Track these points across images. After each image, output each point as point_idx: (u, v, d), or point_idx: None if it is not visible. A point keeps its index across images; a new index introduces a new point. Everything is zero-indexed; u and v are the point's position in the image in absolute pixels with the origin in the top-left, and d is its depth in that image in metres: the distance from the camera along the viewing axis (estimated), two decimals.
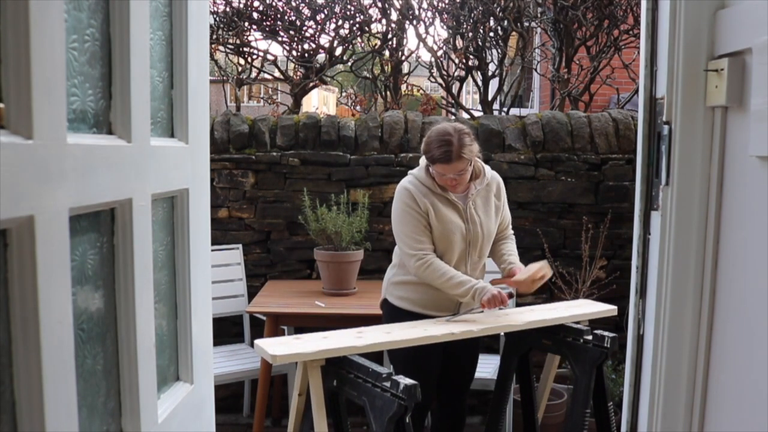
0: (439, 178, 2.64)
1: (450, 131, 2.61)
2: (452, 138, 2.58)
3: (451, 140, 2.58)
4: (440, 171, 2.60)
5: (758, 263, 1.25)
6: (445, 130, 2.62)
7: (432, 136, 2.63)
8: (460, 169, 2.61)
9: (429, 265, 2.58)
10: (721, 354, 1.41)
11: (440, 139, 2.59)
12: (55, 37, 0.78)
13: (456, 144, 2.58)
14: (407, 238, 2.62)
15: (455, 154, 2.57)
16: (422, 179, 2.68)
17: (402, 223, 2.65)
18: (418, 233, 2.61)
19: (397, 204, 2.67)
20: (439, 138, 2.60)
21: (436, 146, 2.59)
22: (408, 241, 2.62)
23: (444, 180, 2.63)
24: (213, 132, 3.92)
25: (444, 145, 2.57)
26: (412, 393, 1.97)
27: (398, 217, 2.66)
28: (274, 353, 2.12)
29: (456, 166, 2.58)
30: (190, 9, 1.26)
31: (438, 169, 2.60)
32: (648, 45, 1.52)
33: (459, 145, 2.58)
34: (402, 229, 2.65)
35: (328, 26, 5.38)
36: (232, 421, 3.82)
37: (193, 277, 1.31)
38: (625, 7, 5.07)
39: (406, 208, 2.63)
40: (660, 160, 1.48)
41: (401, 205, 2.65)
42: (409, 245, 2.62)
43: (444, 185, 2.67)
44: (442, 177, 2.62)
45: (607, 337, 2.57)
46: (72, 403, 0.83)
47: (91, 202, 0.90)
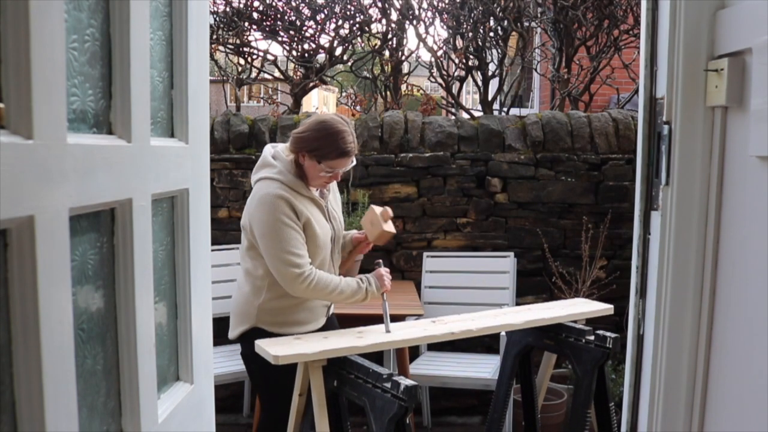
0: (318, 176, 2.34)
1: (341, 122, 2.35)
2: (348, 129, 2.33)
3: (347, 131, 2.32)
4: (332, 166, 2.33)
5: (758, 263, 1.25)
6: (337, 121, 2.34)
7: (323, 129, 2.31)
8: (352, 163, 2.39)
9: (315, 283, 2.29)
10: (721, 354, 1.41)
11: (336, 131, 2.30)
12: (55, 37, 0.78)
13: (352, 135, 2.35)
14: (288, 255, 2.26)
15: (353, 147, 2.35)
16: (292, 183, 2.33)
17: (280, 240, 2.26)
18: (298, 248, 2.29)
19: (272, 216, 2.27)
20: (334, 130, 2.30)
21: (332, 140, 2.30)
22: (288, 258, 2.26)
23: (324, 178, 2.36)
24: (213, 132, 3.92)
25: (342, 138, 2.30)
26: (413, 394, 1.97)
27: (274, 232, 2.27)
28: (276, 354, 2.11)
29: (351, 159, 2.36)
30: (190, 9, 1.26)
31: (331, 165, 2.32)
32: (648, 45, 1.52)
33: (354, 137, 2.36)
34: (279, 246, 2.26)
35: (328, 26, 5.38)
36: (232, 421, 3.82)
37: (193, 277, 1.31)
38: (625, 7, 5.07)
39: (284, 220, 2.27)
40: (660, 160, 1.48)
41: (277, 217, 2.26)
42: (290, 262, 2.26)
43: (318, 184, 2.40)
44: (324, 175, 2.34)
45: (609, 337, 2.57)
46: (72, 403, 0.83)
47: (91, 202, 0.90)
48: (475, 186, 3.97)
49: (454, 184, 3.96)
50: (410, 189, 3.97)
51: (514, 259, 3.79)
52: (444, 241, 4.00)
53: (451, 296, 3.83)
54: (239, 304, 2.49)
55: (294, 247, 2.28)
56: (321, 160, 2.31)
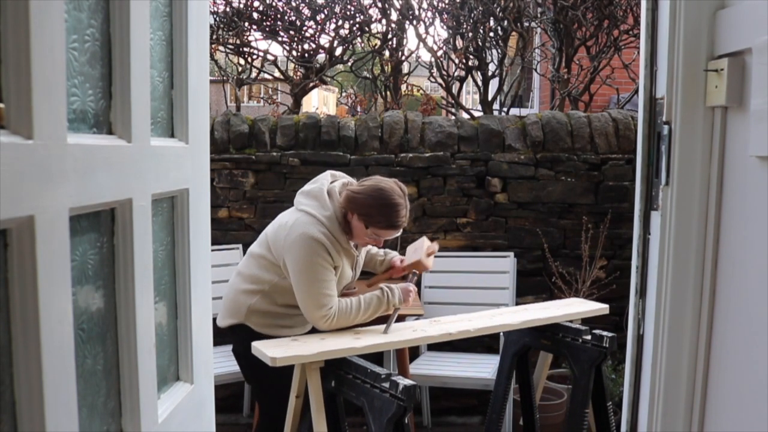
0: (363, 238, 2.39)
1: (399, 193, 2.36)
2: (403, 202, 2.36)
3: (402, 204, 2.35)
4: (380, 234, 2.37)
5: (758, 263, 1.25)
6: (395, 192, 2.35)
7: (379, 198, 2.33)
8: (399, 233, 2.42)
9: (336, 318, 2.34)
10: (721, 354, 1.41)
11: (392, 204, 2.32)
12: (55, 37, 0.78)
13: (406, 209, 2.37)
14: (319, 297, 2.32)
15: (407, 219, 2.38)
16: (335, 232, 2.36)
17: (316, 281, 2.32)
18: (330, 289, 2.35)
19: (310, 258, 2.31)
20: (389, 202, 2.33)
21: (386, 211, 2.32)
22: (320, 300, 2.32)
23: (368, 241, 2.41)
24: (213, 132, 3.92)
25: (396, 211, 2.33)
26: (412, 394, 1.97)
27: (311, 272, 2.32)
28: (273, 355, 2.11)
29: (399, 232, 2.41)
30: (190, 9, 1.26)
31: (378, 233, 2.36)
32: (648, 45, 1.52)
33: (407, 210, 2.38)
34: (315, 286, 2.32)
35: (328, 26, 5.38)
36: (232, 421, 3.82)
37: (193, 277, 1.31)
38: (625, 7, 5.07)
39: (321, 263, 2.32)
40: (660, 160, 1.48)
41: (315, 260, 2.31)
42: (320, 304, 2.32)
43: (361, 243, 2.46)
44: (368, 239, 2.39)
45: (605, 336, 2.57)
46: (72, 403, 0.83)
47: (91, 202, 0.90)
48: (475, 186, 3.97)
49: (454, 184, 3.96)
50: (410, 189, 3.97)
51: (514, 259, 3.79)
52: (444, 241, 4.00)
53: (451, 296, 3.83)
54: (231, 298, 2.53)
55: (326, 288, 2.34)
56: (369, 226, 2.35)
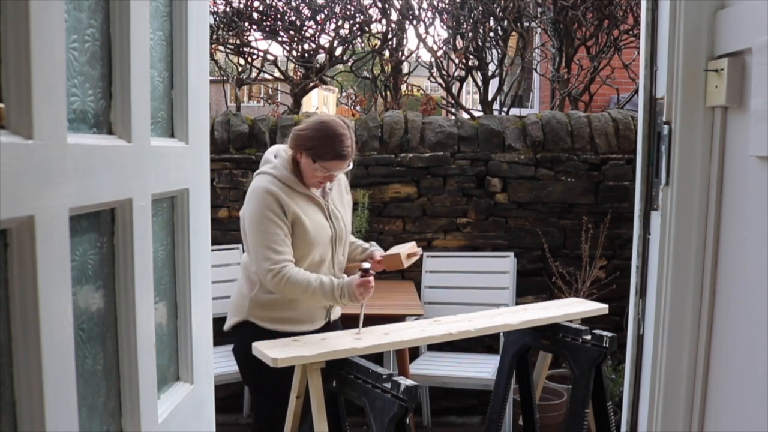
0: (313, 175, 2.35)
1: (342, 125, 2.34)
2: (348, 132, 2.34)
3: (346, 134, 2.33)
4: (328, 167, 2.32)
5: (758, 263, 1.25)
6: (338, 123, 2.34)
7: (322, 130, 2.31)
8: (348, 166, 2.38)
9: (288, 278, 2.26)
10: (721, 354, 1.41)
11: (335, 134, 2.31)
12: (55, 37, 0.78)
13: (351, 139, 2.34)
14: (266, 250, 2.28)
15: (351, 150, 2.34)
16: (285, 178, 2.35)
17: (262, 233, 2.29)
18: (278, 244, 2.28)
19: (257, 210, 2.30)
20: (333, 132, 2.31)
21: (330, 141, 2.30)
22: (266, 253, 2.27)
23: (318, 177, 2.36)
24: (213, 132, 3.92)
25: (340, 140, 2.30)
26: (413, 394, 1.97)
27: (257, 225, 2.30)
28: (275, 356, 2.10)
29: (347, 163, 2.36)
30: (190, 9, 1.26)
31: (326, 165, 2.32)
32: (648, 45, 1.52)
33: (352, 141, 2.35)
34: (261, 239, 2.29)
35: (328, 26, 5.38)
36: (232, 421, 3.82)
37: (193, 277, 1.31)
38: (625, 7, 5.07)
39: (268, 215, 2.28)
40: (660, 160, 1.48)
41: (262, 212, 2.29)
42: (267, 257, 2.27)
43: (312, 183, 2.39)
44: (319, 174, 2.34)
45: (605, 336, 2.57)
46: (72, 403, 0.83)
47: (91, 202, 0.90)
48: (475, 186, 3.97)
49: (454, 184, 3.96)
50: (410, 189, 3.97)
51: (514, 259, 3.79)
52: (444, 241, 4.00)
53: (451, 296, 3.83)
54: (235, 297, 2.52)
55: (273, 243, 2.28)
56: (317, 160, 2.31)
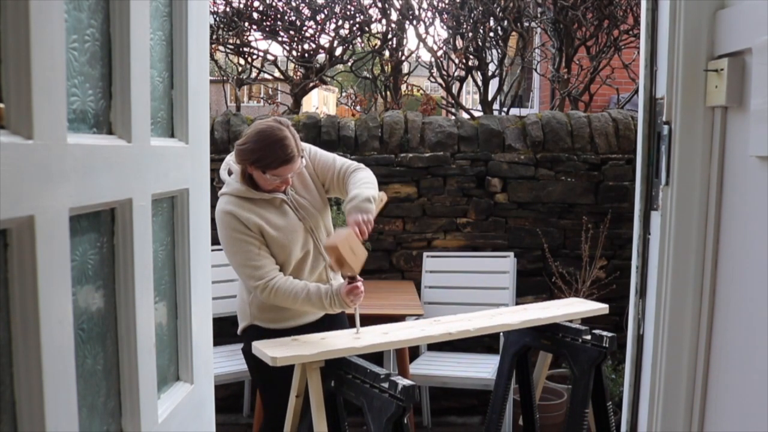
0: (268, 183, 2.29)
1: (279, 127, 2.25)
2: (287, 134, 2.25)
3: (287, 137, 2.24)
4: (278, 174, 2.26)
5: (758, 263, 1.25)
6: (275, 128, 2.25)
7: (259, 140, 2.23)
8: (299, 166, 2.31)
9: (276, 291, 2.27)
10: (721, 354, 1.41)
11: (275, 140, 2.22)
12: (55, 37, 0.78)
13: (293, 140, 2.26)
14: (245, 269, 2.30)
15: (297, 151, 2.26)
16: (239, 192, 2.31)
17: (236, 253, 2.30)
18: (254, 259, 2.29)
19: (224, 233, 2.31)
20: (271, 140, 2.22)
21: (272, 149, 2.22)
22: (247, 272, 2.30)
23: (275, 184, 2.30)
24: (213, 132, 3.92)
25: (282, 146, 2.22)
26: (411, 394, 1.97)
27: (229, 247, 2.32)
28: (274, 355, 2.11)
29: (297, 164, 2.29)
30: (190, 9, 1.26)
31: (276, 173, 2.25)
32: (648, 45, 1.52)
33: (296, 141, 2.27)
34: (237, 259, 2.31)
35: (328, 26, 5.38)
36: (232, 421, 3.82)
37: (193, 277, 1.31)
38: (625, 7, 5.07)
39: (235, 235, 2.28)
40: (660, 160, 1.48)
41: (229, 233, 2.29)
42: (249, 275, 2.29)
43: (271, 188, 2.33)
44: (274, 181, 2.28)
45: (605, 336, 2.57)
46: (72, 403, 0.83)
47: (91, 202, 0.90)
48: (475, 186, 3.97)
49: (454, 184, 3.96)
50: (410, 189, 3.97)
51: (514, 259, 3.79)
52: (444, 241, 4.00)
53: (451, 296, 3.83)
54: (238, 303, 2.54)
55: (250, 260, 2.29)
56: (266, 170, 2.25)
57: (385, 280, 4.00)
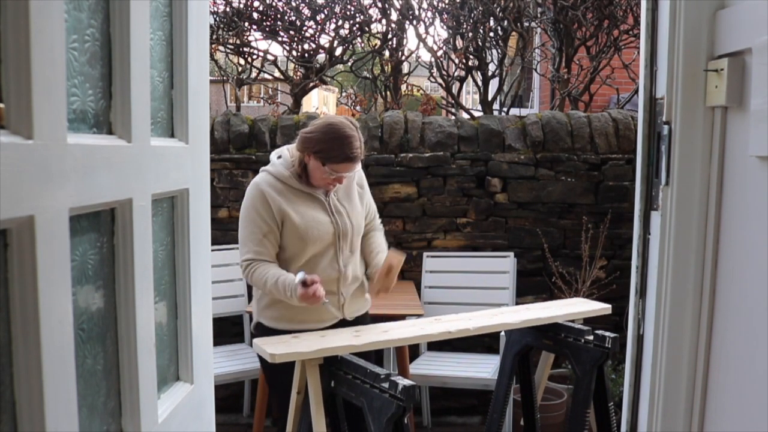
0: (322, 177, 2.33)
1: (350, 126, 2.32)
2: (355, 133, 2.31)
3: (355, 136, 2.30)
4: (336, 170, 2.30)
5: (758, 263, 1.25)
6: (345, 125, 2.32)
7: (328, 131, 2.29)
8: (356, 170, 2.38)
9: (251, 274, 2.33)
10: (721, 354, 1.41)
11: (344, 136, 2.28)
12: (55, 37, 0.78)
13: (359, 141, 2.32)
14: (247, 241, 2.35)
15: (360, 152, 2.32)
16: (281, 175, 2.37)
17: (245, 227, 2.36)
18: (254, 242, 2.34)
19: (247, 203, 2.37)
20: (341, 134, 2.28)
21: (339, 144, 2.27)
22: (242, 248, 2.36)
23: (327, 180, 2.34)
24: (213, 132, 3.92)
25: (349, 143, 2.28)
26: (411, 394, 1.97)
27: (243, 218, 2.37)
28: (273, 352, 2.12)
29: (356, 166, 2.35)
30: (190, 9, 1.26)
31: (335, 168, 2.30)
32: (648, 45, 1.52)
33: (361, 143, 2.33)
34: (243, 232, 2.37)
35: (328, 26, 5.38)
36: (232, 421, 3.82)
37: (193, 277, 1.31)
38: (625, 7, 5.07)
39: (252, 213, 2.34)
40: (660, 160, 1.48)
41: (249, 206, 2.35)
42: (243, 252, 2.36)
43: (322, 185, 2.38)
44: (329, 176, 2.32)
45: (608, 337, 2.57)
46: (72, 403, 0.83)
47: (91, 202, 0.90)
48: (475, 186, 3.97)
49: (454, 184, 3.96)
50: (410, 189, 3.97)
51: (514, 259, 3.79)
52: (444, 241, 4.00)
53: (451, 296, 3.83)
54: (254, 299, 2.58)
55: (250, 240, 2.35)
56: (326, 163, 2.29)
57: None
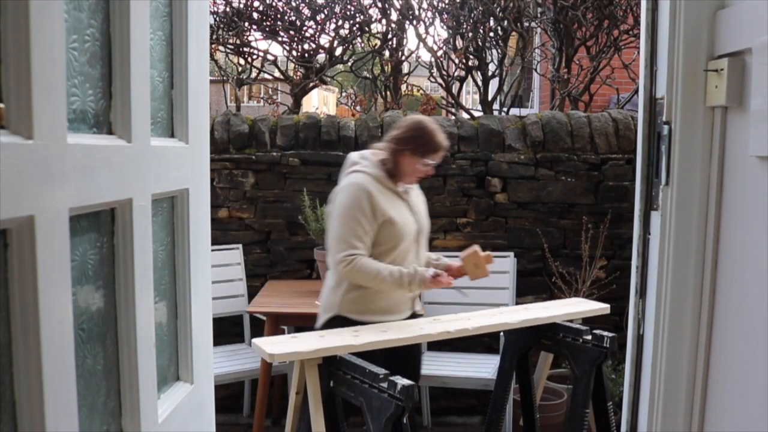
0: (415, 170, 2.56)
1: (432, 120, 2.63)
2: (437, 125, 2.61)
3: (438, 128, 2.60)
4: (430, 160, 2.56)
5: (758, 263, 1.25)
6: (429, 120, 2.62)
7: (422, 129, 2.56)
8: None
9: (358, 268, 2.41)
10: (721, 354, 1.41)
11: (431, 129, 2.56)
12: (55, 37, 0.78)
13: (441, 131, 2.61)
14: (342, 242, 2.44)
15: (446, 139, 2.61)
16: (378, 176, 2.53)
17: (345, 225, 2.45)
18: (356, 238, 2.44)
19: (349, 201, 2.46)
20: (429, 128, 2.56)
21: (431, 137, 2.54)
22: (341, 245, 2.44)
23: (419, 172, 2.58)
24: (213, 132, 3.92)
25: (439, 134, 2.56)
26: (410, 394, 1.97)
27: (345, 218, 2.46)
28: (272, 352, 2.12)
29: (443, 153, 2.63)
30: (190, 9, 1.26)
31: (432, 158, 2.55)
32: (648, 45, 1.52)
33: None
34: (339, 230, 2.46)
35: (328, 26, 5.38)
36: (232, 421, 3.82)
37: (193, 277, 1.31)
38: (625, 7, 5.07)
39: (356, 212, 2.44)
40: (660, 160, 1.48)
41: (351, 205, 2.45)
42: (341, 248, 2.43)
43: (411, 179, 2.62)
44: (422, 168, 2.56)
45: (606, 336, 2.57)
46: (72, 403, 0.83)
47: (91, 202, 0.90)
48: (475, 186, 3.97)
49: (454, 184, 3.95)
50: None
51: (514, 259, 3.79)
52: (444, 241, 4.00)
53: (451, 296, 3.81)
54: (325, 296, 2.63)
55: (352, 237, 2.44)
56: (423, 156, 2.53)
57: None
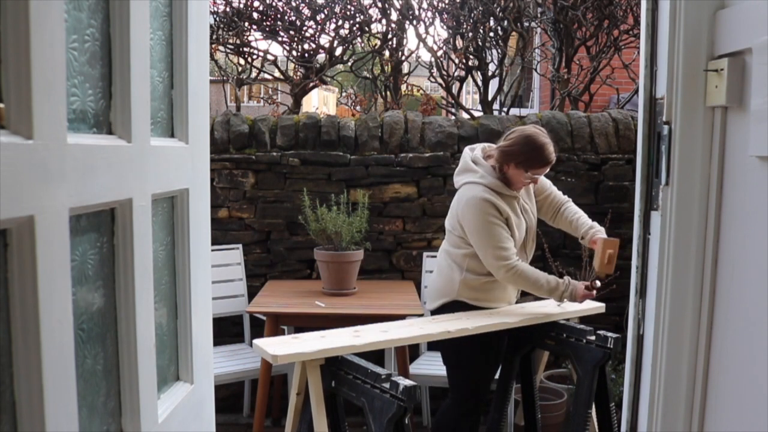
0: (521, 181, 2.69)
1: (543, 134, 2.68)
2: (548, 140, 2.67)
3: (549, 143, 2.66)
4: (538, 173, 2.69)
5: (758, 263, 1.25)
6: (539, 134, 2.67)
7: (530, 144, 2.64)
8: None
9: (519, 273, 2.65)
10: (721, 354, 1.41)
11: (540, 144, 2.64)
12: (55, 37, 0.78)
13: (552, 145, 2.67)
14: (494, 249, 2.65)
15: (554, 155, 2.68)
16: (494, 185, 2.69)
17: (487, 237, 2.65)
18: (504, 242, 2.65)
19: (479, 216, 2.65)
20: (539, 143, 2.64)
21: (539, 152, 2.64)
22: (496, 252, 2.65)
23: (525, 182, 2.70)
24: (213, 132, 3.92)
25: (547, 150, 2.64)
26: (412, 394, 1.97)
27: (482, 230, 2.66)
28: (275, 353, 2.12)
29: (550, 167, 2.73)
30: (190, 9, 1.26)
31: (537, 172, 2.68)
32: (648, 45, 1.52)
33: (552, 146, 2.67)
34: (488, 242, 2.65)
35: (328, 26, 5.38)
36: (232, 421, 3.82)
37: (193, 277, 1.31)
38: (625, 7, 5.07)
39: (490, 219, 2.64)
40: (660, 160, 1.48)
41: (484, 217, 2.65)
42: (497, 255, 2.65)
43: (519, 188, 2.74)
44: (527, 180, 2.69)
45: (610, 337, 2.57)
46: (72, 403, 0.83)
47: (91, 202, 0.90)
48: None
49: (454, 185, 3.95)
50: (410, 189, 3.97)
51: None
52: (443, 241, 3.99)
53: None
54: (441, 281, 2.83)
55: (501, 242, 2.65)
56: (528, 169, 2.66)
57: (385, 280, 4.00)
